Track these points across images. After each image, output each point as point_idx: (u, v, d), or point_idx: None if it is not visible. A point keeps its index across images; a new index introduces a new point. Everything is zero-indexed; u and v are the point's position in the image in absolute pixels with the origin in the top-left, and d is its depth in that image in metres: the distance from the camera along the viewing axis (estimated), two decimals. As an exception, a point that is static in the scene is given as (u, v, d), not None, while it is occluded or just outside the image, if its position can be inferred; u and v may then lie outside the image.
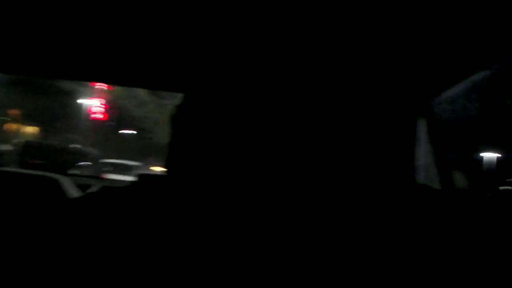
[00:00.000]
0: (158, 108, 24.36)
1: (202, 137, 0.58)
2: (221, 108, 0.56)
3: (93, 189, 3.65)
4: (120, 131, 28.30)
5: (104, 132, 26.41)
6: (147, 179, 3.68)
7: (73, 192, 3.03)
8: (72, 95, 24.18)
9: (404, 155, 0.53)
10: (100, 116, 26.27)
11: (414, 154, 0.55)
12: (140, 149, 26.71)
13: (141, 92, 22.53)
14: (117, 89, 22.86)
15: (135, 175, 18.98)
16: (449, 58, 1.13)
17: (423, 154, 1.28)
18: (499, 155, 22.47)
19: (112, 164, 18.95)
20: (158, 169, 30.49)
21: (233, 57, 0.58)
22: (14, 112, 23.09)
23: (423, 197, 0.55)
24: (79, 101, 25.03)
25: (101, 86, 22.58)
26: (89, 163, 16.91)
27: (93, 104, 25.91)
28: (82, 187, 3.35)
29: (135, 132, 27.09)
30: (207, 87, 0.59)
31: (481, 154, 21.80)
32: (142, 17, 1.14)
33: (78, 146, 18.62)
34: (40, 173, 2.89)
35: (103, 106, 26.14)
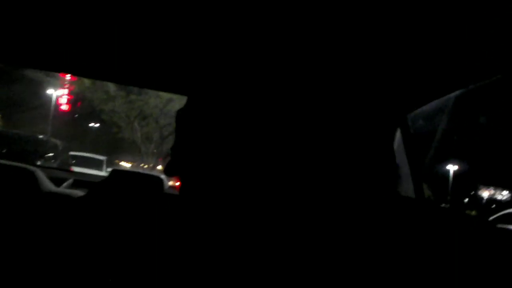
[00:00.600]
0: (127, 103, 24.07)
1: (206, 139, 0.59)
2: (224, 110, 0.57)
3: (69, 182, 3.63)
4: (87, 124, 27.84)
5: (72, 124, 25.92)
6: (120, 175, 3.69)
7: (48, 185, 2.99)
8: (40, 85, 23.63)
9: (383, 164, 0.55)
10: (67, 107, 25.76)
11: (392, 164, 0.58)
12: (107, 143, 26.34)
13: (111, 87, 22.18)
14: (86, 81, 22.43)
15: (107, 170, 18.73)
16: (427, 76, 1.20)
17: (398, 165, 1.36)
18: (464, 168, 23.15)
19: (79, 156, 18.59)
20: (125, 164, 30.14)
21: (236, 59, 0.60)
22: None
23: (400, 205, 0.58)
24: (46, 91, 24.47)
25: (69, 77, 22.12)
26: (52, 154, 16.57)
27: (61, 95, 25.38)
28: (53, 180, 3.29)
29: (102, 126, 26.66)
30: (210, 89, 0.60)
31: (448, 167, 22.43)
32: (146, 16, 1.17)
33: (43, 136, 18.22)
34: (16, 164, 2.87)
35: (71, 97, 25.66)
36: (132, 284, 0.57)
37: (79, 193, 2.92)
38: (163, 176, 3.79)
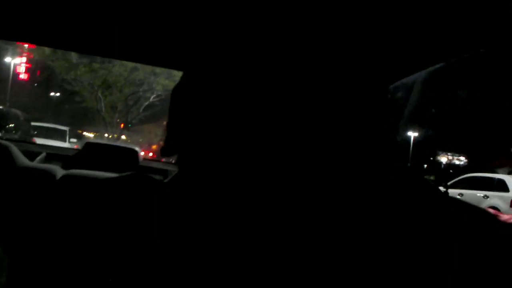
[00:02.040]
0: (90, 72, 23.45)
1: (203, 117, 0.56)
2: (222, 86, 0.55)
3: (42, 156, 3.63)
4: (49, 94, 27.06)
5: (32, 94, 25.15)
6: (94, 148, 3.72)
7: (23, 159, 2.94)
8: (-4, 53, 22.74)
9: (370, 136, 0.56)
10: (26, 76, 24.96)
11: (378, 137, 0.57)
12: (70, 113, 25.72)
13: (73, 55, 21.54)
14: (46, 49, 21.65)
15: (70, 141, 18.31)
16: (409, 48, 1.22)
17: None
18: (423, 135, 23.69)
19: (42, 127, 18.16)
20: (88, 134, 29.56)
21: (234, 30, 0.57)
22: None
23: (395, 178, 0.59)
24: (4, 59, 23.56)
25: (28, 45, 21.30)
26: (13, 125, 16.13)
27: (19, 64, 24.53)
28: (26, 153, 3.23)
29: (65, 95, 25.96)
30: (208, 64, 0.58)
31: (408, 133, 22.92)
32: None
33: (3, 107, 17.70)
34: None
35: (30, 66, 24.83)
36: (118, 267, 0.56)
37: (55, 167, 2.91)
38: (137, 148, 3.83)
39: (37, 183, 2.74)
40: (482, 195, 13.87)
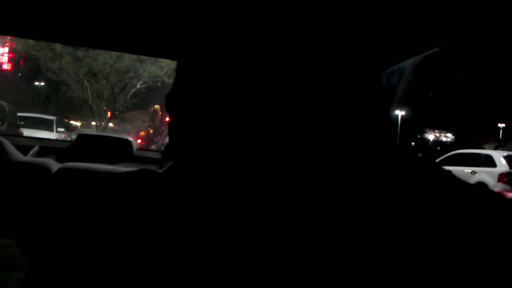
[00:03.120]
0: (75, 60, 23.17)
1: (202, 113, 0.56)
2: (219, 78, 0.55)
3: (35, 149, 3.61)
4: (34, 84, 26.71)
5: (17, 84, 24.82)
6: (87, 139, 3.70)
7: (17, 154, 2.92)
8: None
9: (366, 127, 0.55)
10: (9, 66, 24.63)
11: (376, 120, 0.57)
12: (56, 102, 25.45)
13: (57, 44, 21.24)
14: (29, 39, 21.31)
15: (58, 131, 18.11)
16: (404, 33, 1.24)
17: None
18: (411, 113, 23.80)
19: (28, 118, 17.96)
20: (75, 123, 29.29)
21: (231, 18, 0.55)
22: None
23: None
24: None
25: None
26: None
27: (1, 54, 24.18)
28: (17, 147, 3.20)
29: (50, 85, 25.66)
30: (204, 53, 0.57)
31: (396, 112, 23.02)
32: None
33: (-13, 99, 17.46)
34: None
35: (12, 56, 24.49)
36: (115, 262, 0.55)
37: (50, 161, 2.90)
38: (130, 138, 3.82)
39: (32, 177, 2.73)
40: (470, 171, 14.03)
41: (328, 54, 0.54)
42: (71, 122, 28.05)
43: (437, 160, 15.33)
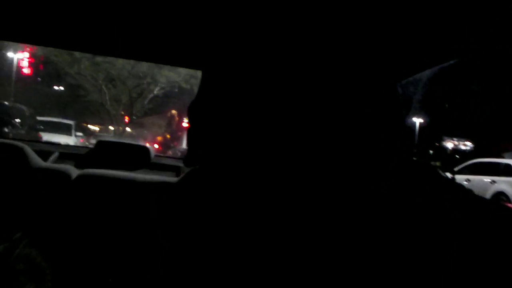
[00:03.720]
0: (93, 65, 23.48)
1: (225, 121, 0.56)
2: (243, 86, 0.55)
3: (55, 155, 3.64)
4: (53, 88, 27.11)
5: (36, 88, 25.21)
6: (106, 146, 3.72)
7: (38, 160, 2.96)
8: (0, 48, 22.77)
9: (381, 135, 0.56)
10: (29, 71, 25.03)
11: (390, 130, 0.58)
12: (75, 107, 25.78)
13: (76, 48, 21.50)
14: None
15: (76, 135, 18.34)
16: (420, 45, 1.23)
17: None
18: (429, 120, 23.69)
19: (47, 122, 18.23)
20: (93, 127, 29.67)
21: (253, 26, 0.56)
22: None
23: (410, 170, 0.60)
24: (7, 54, 23.59)
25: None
26: (19, 120, 16.20)
27: (22, 58, 24.57)
28: (37, 153, 3.24)
29: (69, 89, 26.02)
30: (228, 62, 0.57)
31: (414, 119, 22.95)
32: None
33: (8, 103, 17.74)
34: (5, 141, 2.84)
35: (33, 60, 24.89)
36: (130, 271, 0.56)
37: (69, 167, 2.92)
38: (149, 146, 3.84)
39: (53, 183, 2.76)
40: (489, 180, 13.85)
41: (347, 65, 0.55)
42: (89, 126, 28.38)
43: (455, 169, 15.17)
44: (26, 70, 24.87)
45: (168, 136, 33.09)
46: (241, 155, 0.54)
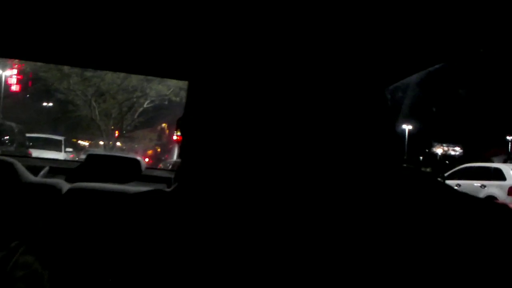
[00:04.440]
0: (83, 80, 23.39)
1: (215, 133, 0.56)
2: (231, 97, 0.55)
3: (45, 170, 3.64)
4: (42, 104, 26.98)
5: (25, 105, 25.07)
6: (96, 159, 3.72)
7: (28, 175, 2.96)
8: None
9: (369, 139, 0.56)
10: (18, 88, 24.91)
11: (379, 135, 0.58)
12: (64, 122, 25.65)
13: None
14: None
15: (66, 150, 18.22)
16: (407, 49, 1.26)
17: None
18: (418, 127, 23.78)
19: (37, 138, 18.11)
20: (83, 142, 29.50)
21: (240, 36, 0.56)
22: None
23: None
24: (-6, 72, 23.47)
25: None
26: (8, 137, 16.06)
27: (10, 76, 24.48)
28: (27, 168, 3.24)
29: (58, 105, 25.90)
30: (215, 73, 0.57)
31: (403, 126, 23.03)
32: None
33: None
34: None
35: (21, 77, 24.78)
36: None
37: (60, 181, 2.92)
38: (139, 158, 3.85)
39: (43, 198, 2.76)
40: (479, 184, 13.94)
41: (333, 69, 0.55)
42: (79, 142, 28.21)
43: (446, 174, 15.25)
44: (14, 87, 24.75)
45: (158, 149, 32.95)
46: (234, 163, 0.54)
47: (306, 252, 0.52)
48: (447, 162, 24.23)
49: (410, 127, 24.05)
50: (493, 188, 13.65)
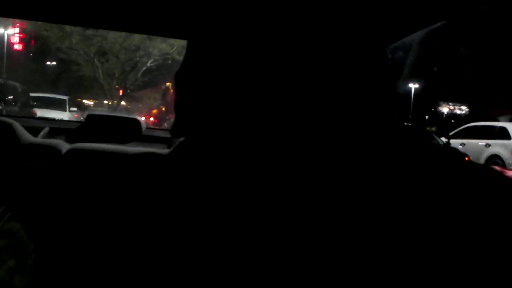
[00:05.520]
0: (85, 39, 23.19)
1: (213, 91, 0.55)
2: (231, 56, 0.54)
3: (45, 131, 3.63)
4: (45, 64, 26.85)
5: (28, 64, 24.96)
6: (96, 120, 3.70)
7: (28, 136, 2.95)
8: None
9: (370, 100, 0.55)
10: (20, 47, 24.74)
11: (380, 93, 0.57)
12: (67, 82, 25.59)
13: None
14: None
15: (70, 110, 18.28)
16: (406, 7, 1.24)
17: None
18: (424, 86, 23.62)
19: (41, 98, 18.09)
20: (87, 102, 29.50)
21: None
22: None
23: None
24: (-4, 31, 23.29)
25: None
26: (12, 97, 16.06)
27: (12, 34, 24.27)
28: (27, 129, 3.22)
29: (61, 64, 25.77)
30: (215, 31, 0.56)
31: (409, 85, 22.88)
32: None
33: (0, 80, 17.58)
34: None
35: (23, 36, 24.58)
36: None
37: (60, 142, 2.91)
38: (139, 118, 3.83)
39: (43, 158, 2.76)
40: (484, 144, 13.91)
41: (331, 29, 0.54)
42: (84, 101, 28.21)
43: (451, 133, 15.21)
44: (17, 46, 24.58)
45: (163, 108, 32.96)
46: (229, 124, 0.54)
47: (307, 215, 0.51)
48: (452, 121, 24.17)
49: (416, 86, 23.86)
50: (497, 147, 13.62)
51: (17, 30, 24.20)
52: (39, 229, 0.64)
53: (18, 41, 24.63)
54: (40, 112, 14.81)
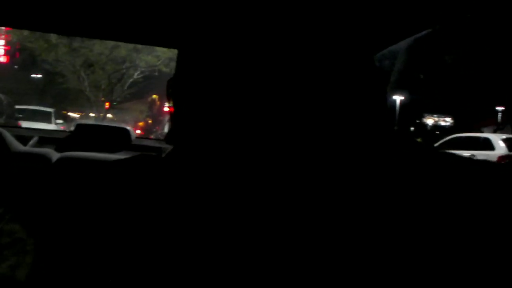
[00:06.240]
0: (71, 51, 23.04)
1: (205, 98, 0.55)
2: (223, 64, 0.54)
3: (35, 140, 3.62)
4: (30, 76, 26.62)
5: (13, 77, 24.72)
6: (86, 129, 3.70)
7: (17, 144, 2.94)
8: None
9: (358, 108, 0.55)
10: (5, 59, 24.52)
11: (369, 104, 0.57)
12: (53, 94, 25.39)
13: (52, 35, 21.08)
14: (24, 31, 21.14)
15: (56, 122, 18.09)
16: (393, 15, 1.26)
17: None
18: (409, 98, 23.79)
19: (26, 110, 17.94)
20: (73, 114, 29.27)
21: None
22: None
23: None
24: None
25: (5, 27, 20.76)
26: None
27: (-2, 46, 24.09)
28: (16, 138, 3.21)
29: (47, 76, 25.56)
30: (206, 39, 0.56)
31: (394, 97, 23.03)
32: None
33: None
34: None
35: (8, 48, 24.38)
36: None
37: (50, 151, 2.91)
38: (128, 127, 3.83)
39: (33, 166, 2.75)
40: (468, 154, 14.05)
41: (319, 37, 0.54)
42: (69, 114, 27.98)
43: (436, 145, 15.34)
44: (2, 58, 24.36)
45: (149, 121, 32.78)
46: (223, 131, 0.54)
47: (301, 214, 0.52)
48: (437, 132, 24.35)
49: (401, 97, 24.04)
50: (482, 158, 13.73)
51: (2, 42, 24.01)
52: (37, 230, 0.65)
53: (3, 53, 24.43)
54: (26, 125, 14.62)
